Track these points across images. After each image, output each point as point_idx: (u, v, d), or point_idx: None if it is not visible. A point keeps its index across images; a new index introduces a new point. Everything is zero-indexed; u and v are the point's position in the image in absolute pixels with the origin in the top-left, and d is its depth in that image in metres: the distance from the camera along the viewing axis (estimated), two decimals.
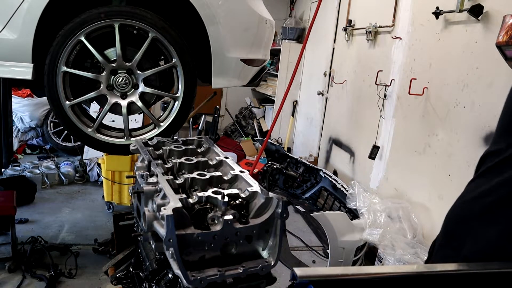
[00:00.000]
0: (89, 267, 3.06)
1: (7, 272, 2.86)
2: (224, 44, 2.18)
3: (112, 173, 2.82)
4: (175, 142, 1.34)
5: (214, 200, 0.93)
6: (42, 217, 3.86)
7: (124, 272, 1.48)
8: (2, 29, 2.01)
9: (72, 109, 2.17)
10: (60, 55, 2.05)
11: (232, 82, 2.30)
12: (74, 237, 3.52)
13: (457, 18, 2.65)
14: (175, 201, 0.87)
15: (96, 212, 4.11)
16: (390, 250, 2.65)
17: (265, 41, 2.45)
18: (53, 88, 2.09)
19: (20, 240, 3.16)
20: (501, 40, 1.99)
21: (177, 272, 0.84)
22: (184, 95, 2.19)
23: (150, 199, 0.99)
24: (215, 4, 2.12)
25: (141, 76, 2.16)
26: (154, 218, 0.91)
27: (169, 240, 0.82)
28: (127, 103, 2.20)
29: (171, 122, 2.24)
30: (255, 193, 0.96)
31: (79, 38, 2.05)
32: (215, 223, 0.89)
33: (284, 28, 6.01)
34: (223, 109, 7.01)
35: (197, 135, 2.95)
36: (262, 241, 0.95)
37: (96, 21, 2.03)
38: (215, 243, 0.88)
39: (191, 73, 2.17)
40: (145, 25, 2.06)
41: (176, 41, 2.10)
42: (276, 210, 0.93)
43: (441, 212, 2.94)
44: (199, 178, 1.05)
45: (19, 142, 5.67)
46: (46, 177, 4.66)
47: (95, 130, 2.20)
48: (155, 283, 1.12)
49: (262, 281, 0.94)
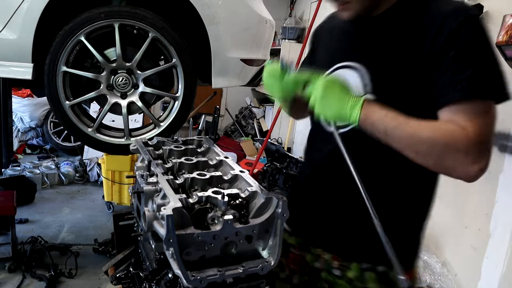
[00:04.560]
0: (89, 267, 3.06)
1: (7, 272, 2.86)
2: (224, 44, 2.18)
3: (112, 173, 2.82)
4: (175, 142, 1.34)
5: (214, 200, 0.93)
6: (42, 217, 3.87)
7: (124, 272, 1.48)
8: (2, 29, 2.01)
9: (72, 109, 2.16)
10: (60, 55, 2.05)
11: (232, 82, 2.30)
12: (74, 237, 3.52)
13: None
14: (175, 201, 0.87)
15: (96, 212, 4.11)
16: None
17: (265, 41, 2.45)
18: (53, 88, 2.09)
19: (20, 240, 3.16)
20: (501, 40, 1.99)
21: (177, 272, 0.84)
22: (184, 95, 2.19)
23: (150, 199, 0.99)
24: (215, 4, 2.11)
25: (141, 76, 2.16)
26: (154, 218, 0.91)
27: (169, 240, 0.82)
28: (127, 103, 2.20)
29: (171, 122, 2.24)
30: (255, 193, 0.96)
31: (79, 38, 2.04)
32: (215, 223, 0.89)
33: (284, 28, 6.01)
34: (223, 109, 7.00)
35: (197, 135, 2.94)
36: (262, 241, 0.95)
37: (96, 21, 2.03)
38: (215, 243, 0.87)
39: (191, 73, 2.17)
40: (145, 25, 2.06)
41: (176, 41, 2.10)
42: (276, 210, 0.93)
43: (440, 212, 2.94)
44: (199, 178, 1.05)
45: (19, 142, 5.68)
46: (46, 177, 4.66)
47: (95, 130, 2.20)
48: (155, 283, 1.12)
49: (262, 281, 0.94)
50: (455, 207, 2.61)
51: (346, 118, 0.94)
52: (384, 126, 0.91)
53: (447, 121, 0.91)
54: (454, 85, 0.90)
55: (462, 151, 0.88)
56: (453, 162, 0.89)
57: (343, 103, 0.93)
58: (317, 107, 0.96)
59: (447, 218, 2.72)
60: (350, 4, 1.01)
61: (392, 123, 0.91)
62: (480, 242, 2.32)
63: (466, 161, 0.88)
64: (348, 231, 1.09)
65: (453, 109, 0.91)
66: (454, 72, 0.90)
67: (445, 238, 2.71)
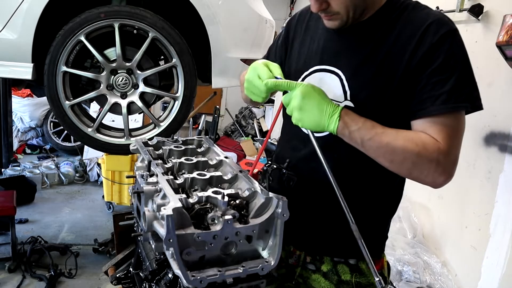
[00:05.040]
0: (89, 267, 3.06)
1: (7, 272, 2.86)
2: (224, 44, 2.18)
3: (112, 173, 2.82)
4: (175, 142, 1.34)
5: (214, 200, 0.93)
6: (42, 217, 3.87)
7: (124, 272, 1.48)
8: (2, 29, 2.01)
9: (72, 109, 2.17)
10: (60, 55, 2.05)
11: (232, 82, 2.30)
12: (74, 237, 3.52)
13: (457, 18, 2.65)
14: (175, 201, 0.87)
15: (96, 212, 4.11)
16: (390, 250, 2.65)
17: (265, 41, 2.45)
18: (53, 88, 2.09)
19: (20, 240, 3.16)
20: (501, 40, 2.00)
21: (177, 272, 0.84)
22: (184, 95, 2.19)
23: (150, 199, 0.99)
24: (215, 4, 2.11)
25: (141, 76, 2.16)
26: (154, 218, 0.90)
27: (169, 240, 0.82)
28: (127, 103, 2.20)
29: (171, 122, 2.24)
30: (255, 193, 0.96)
31: (79, 38, 2.05)
32: (215, 223, 0.88)
33: None
34: (223, 109, 7.00)
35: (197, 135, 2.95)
36: (262, 241, 0.95)
37: (96, 21, 2.03)
38: (215, 243, 0.87)
39: (191, 73, 2.17)
40: (145, 25, 2.06)
41: (176, 41, 2.10)
42: (276, 210, 0.93)
43: (441, 212, 2.95)
44: (199, 178, 1.05)
45: (19, 142, 5.68)
46: (46, 177, 4.66)
47: (95, 130, 2.20)
48: (155, 283, 1.12)
49: (262, 281, 0.94)
50: (455, 207, 2.61)
51: (324, 128, 0.95)
52: (361, 136, 0.94)
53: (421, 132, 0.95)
54: (433, 100, 0.93)
55: (434, 161, 0.92)
56: (424, 171, 0.94)
57: (322, 113, 0.94)
58: (295, 116, 0.97)
59: (447, 218, 2.72)
60: (338, 15, 1.00)
61: (369, 134, 0.94)
62: (480, 242, 2.32)
63: (436, 171, 0.93)
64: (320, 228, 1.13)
65: (429, 121, 0.94)
66: (433, 86, 0.93)
67: (445, 238, 2.71)
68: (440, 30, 0.94)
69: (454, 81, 0.93)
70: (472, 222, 2.44)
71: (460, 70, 0.94)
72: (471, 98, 0.95)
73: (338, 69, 1.04)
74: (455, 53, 0.94)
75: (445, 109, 0.93)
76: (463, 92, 0.94)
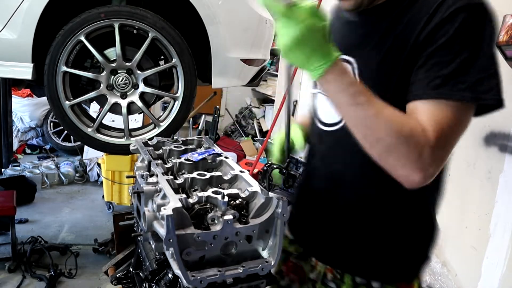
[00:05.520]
0: (89, 267, 3.06)
1: (7, 272, 2.86)
2: (224, 44, 2.18)
3: (112, 173, 2.82)
4: (175, 142, 1.34)
5: (214, 200, 0.93)
6: (42, 217, 3.87)
7: (124, 272, 1.48)
8: (2, 29, 2.01)
9: (72, 109, 2.17)
10: (60, 55, 2.05)
11: (232, 82, 2.30)
12: (74, 237, 3.52)
13: None
14: (175, 201, 0.87)
15: (96, 212, 4.11)
16: None
17: (265, 41, 2.45)
18: (53, 88, 2.09)
19: (20, 240, 3.16)
20: (501, 40, 1.99)
21: (177, 272, 0.84)
22: (184, 95, 2.19)
23: (150, 199, 0.99)
24: (215, 4, 2.11)
25: (141, 76, 2.16)
26: (154, 218, 0.90)
27: (169, 240, 0.82)
28: (127, 103, 2.20)
29: (171, 122, 2.24)
30: (255, 193, 0.96)
31: (79, 38, 2.05)
32: (215, 223, 0.88)
33: None
34: (223, 109, 7.00)
35: (197, 135, 2.94)
36: (262, 241, 0.95)
37: (96, 21, 2.03)
38: (215, 243, 0.87)
39: (191, 73, 2.17)
40: (145, 25, 2.06)
41: (176, 41, 2.10)
42: (276, 210, 0.93)
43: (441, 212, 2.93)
44: (199, 178, 1.05)
45: (19, 142, 5.68)
46: (46, 177, 4.66)
47: (95, 130, 2.21)
48: (155, 283, 1.12)
49: (262, 281, 0.94)
50: (455, 207, 2.61)
51: (311, 70, 0.80)
52: (338, 100, 0.81)
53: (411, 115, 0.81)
54: (426, 82, 0.79)
55: (416, 151, 0.76)
56: (400, 160, 0.77)
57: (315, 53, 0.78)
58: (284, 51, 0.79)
59: (447, 218, 2.72)
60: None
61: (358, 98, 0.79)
62: (480, 242, 2.32)
63: (414, 165, 0.77)
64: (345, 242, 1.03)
65: (421, 106, 0.80)
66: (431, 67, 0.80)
67: (445, 238, 2.71)
68: (456, 3, 0.79)
69: (457, 65, 0.77)
70: (472, 222, 2.43)
71: (470, 52, 0.77)
72: (477, 89, 0.77)
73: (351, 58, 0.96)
74: (467, 31, 0.78)
75: (434, 95, 0.77)
76: (466, 79, 0.77)
